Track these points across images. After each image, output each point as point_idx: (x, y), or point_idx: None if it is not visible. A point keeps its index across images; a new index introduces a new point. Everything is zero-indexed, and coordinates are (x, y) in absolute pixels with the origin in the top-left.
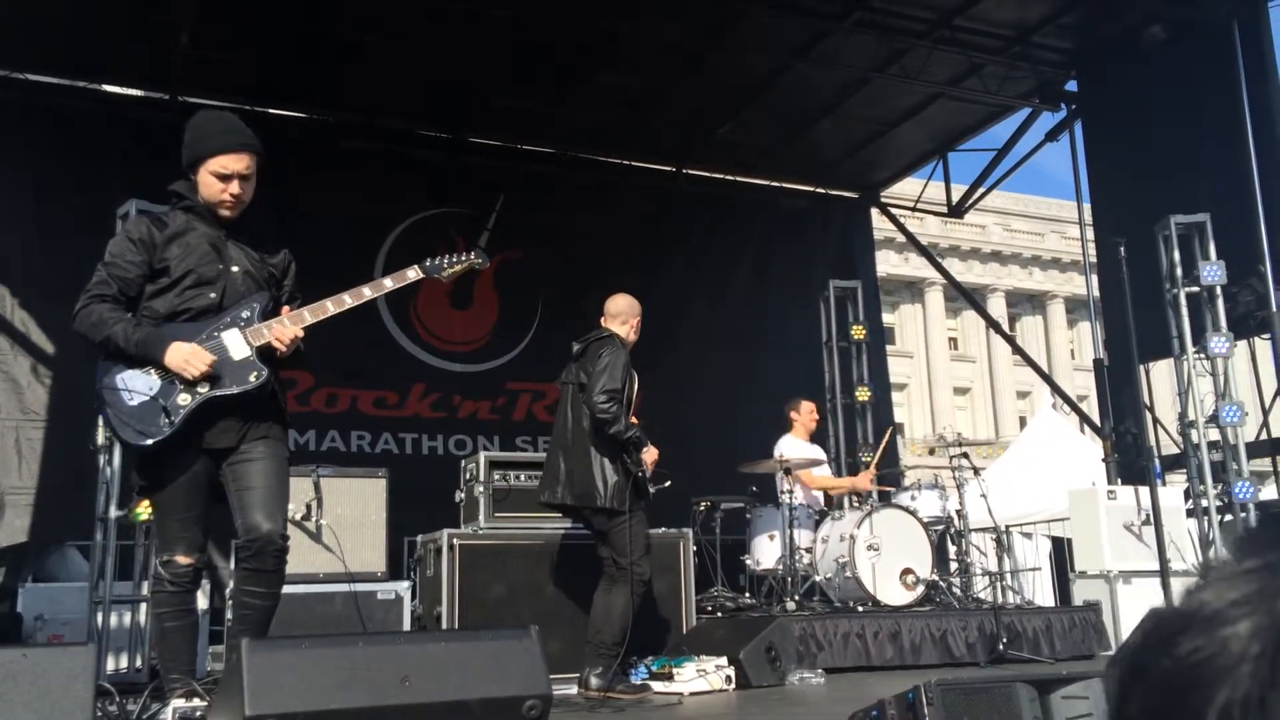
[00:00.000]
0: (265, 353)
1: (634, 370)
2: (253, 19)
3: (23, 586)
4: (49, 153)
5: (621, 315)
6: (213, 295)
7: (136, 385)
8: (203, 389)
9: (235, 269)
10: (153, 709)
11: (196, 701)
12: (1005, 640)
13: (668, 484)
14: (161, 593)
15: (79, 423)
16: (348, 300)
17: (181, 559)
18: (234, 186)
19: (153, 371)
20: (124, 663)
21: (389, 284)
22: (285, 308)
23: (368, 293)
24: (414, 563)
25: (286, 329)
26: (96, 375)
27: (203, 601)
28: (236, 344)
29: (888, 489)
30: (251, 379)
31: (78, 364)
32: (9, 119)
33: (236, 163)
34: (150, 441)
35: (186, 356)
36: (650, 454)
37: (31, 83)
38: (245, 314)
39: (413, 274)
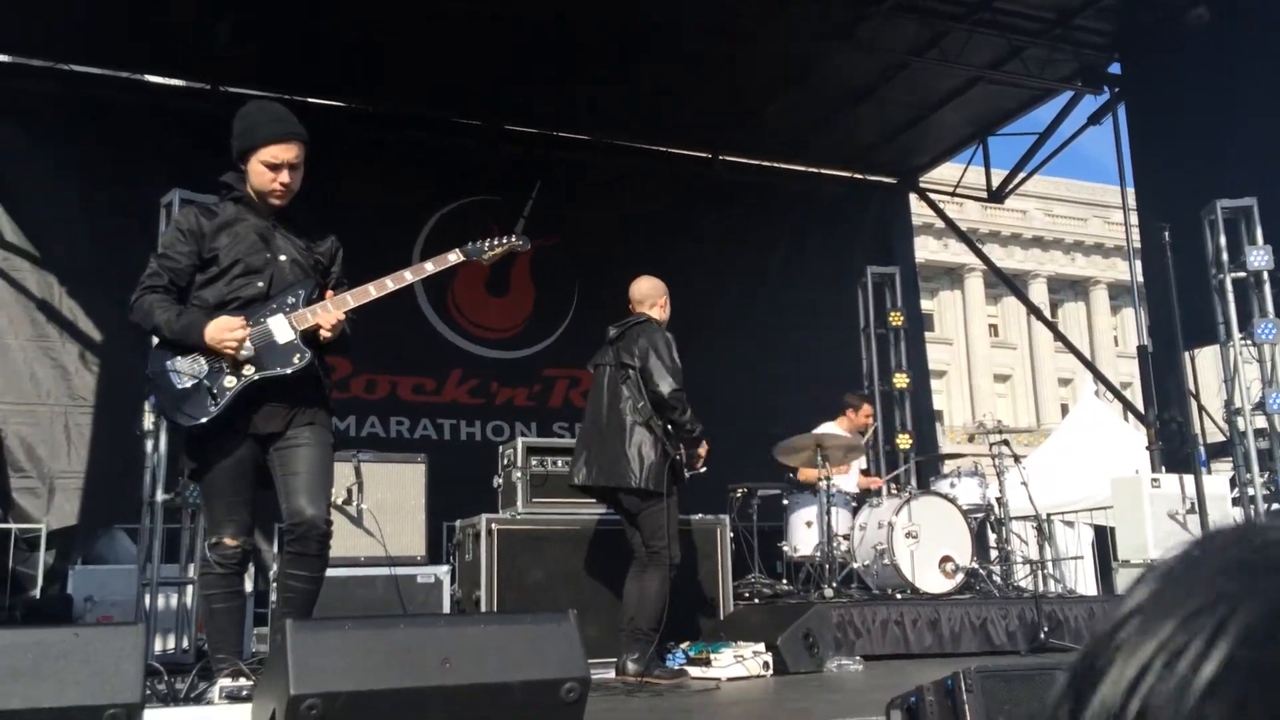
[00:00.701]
0: (310, 337)
1: None
2: (291, 9)
3: (73, 569)
4: (94, 144)
5: (649, 298)
6: (260, 284)
7: (184, 370)
8: (248, 371)
9: (283, 258)
10: (200, 688)
11: (243, 681)
12: (1047, 629)
13: (702, 469)
14: (210, 574)
15: (126, 408)
16: (389, 284)
17: (229, 541)
18: (284, 175)
19: (200, 358)
20: (171, 643)
21: (430, 267)
22: (330, 292)
23: (409, 276)
24: (453, 547)
25: (329, 313)
26: (147, 362)
27: (247, 584)
28: (281, 328)
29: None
30: (295, 360)
31: (124, 351)
32: (55, 110)
33: (286, 152)
34: (201, 421)
35: (219, 327)
36: (704, 448)
37: (76, 74)
38: (291, 300)
39: (454, 257)
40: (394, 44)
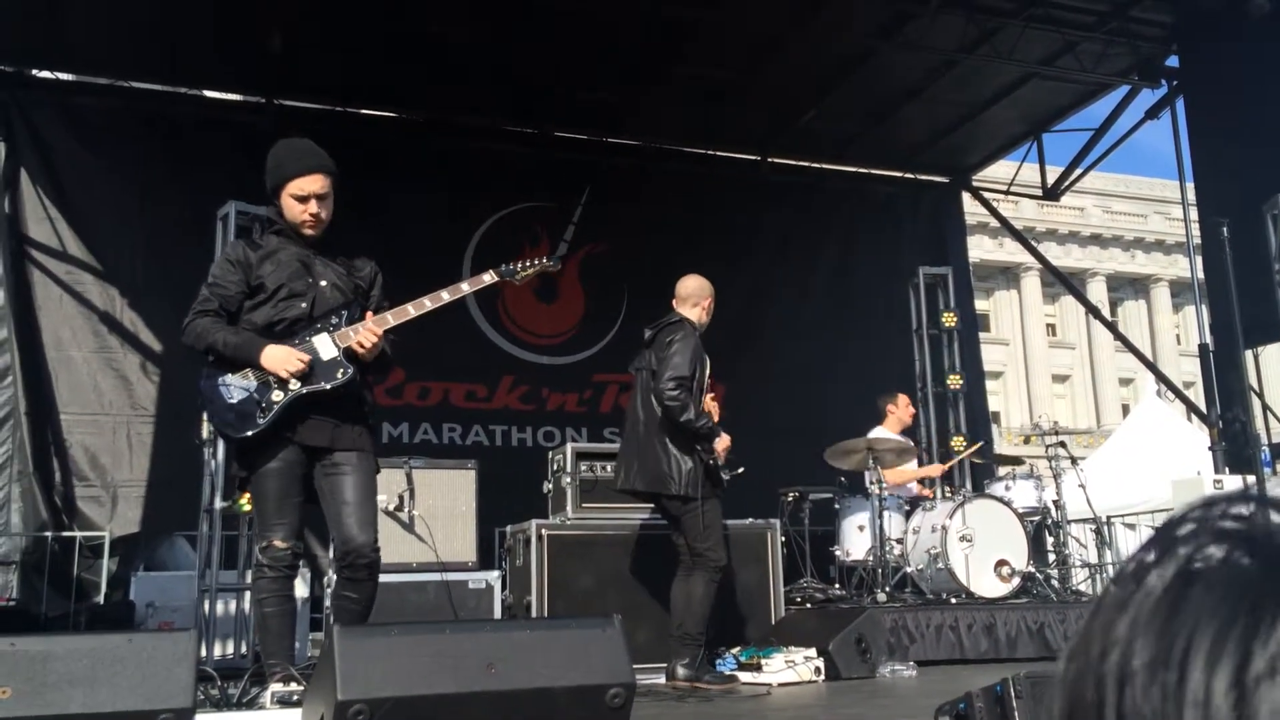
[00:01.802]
0: (351, 355)
1: (706, 355)
2: (340, 20)
3: (135, 575)
4: (154, 158)
5: (692, 297)
6: (303, 305)
7: (235, 385)
8: (294, 385)
9: (323, 282)
10: (252, 693)
11: (294, 686)
12: None
13: (740, 471)
14: (262, 579)
15: (185, 418)
16: (427, 304)
17: (279, 544)
18: (312, 206)
19: (250, 374)
20: (229, 649)
21: (466, 288)
22: (369, 314)
23: (446, 296)
24: (504, 553)
25: (370, 331)
26: (199, 380)
27: (302, 589)
28: (325, 346)
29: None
30: (339, 375)
31: (184, 362)
32: (117, 126)
33: (312, 184)
34: (249, 434)
35: (284, 357)
36: (722, 442)
37: (136, 90)
38: (335, 320)
39: (488, 278)
40: (443, 52)
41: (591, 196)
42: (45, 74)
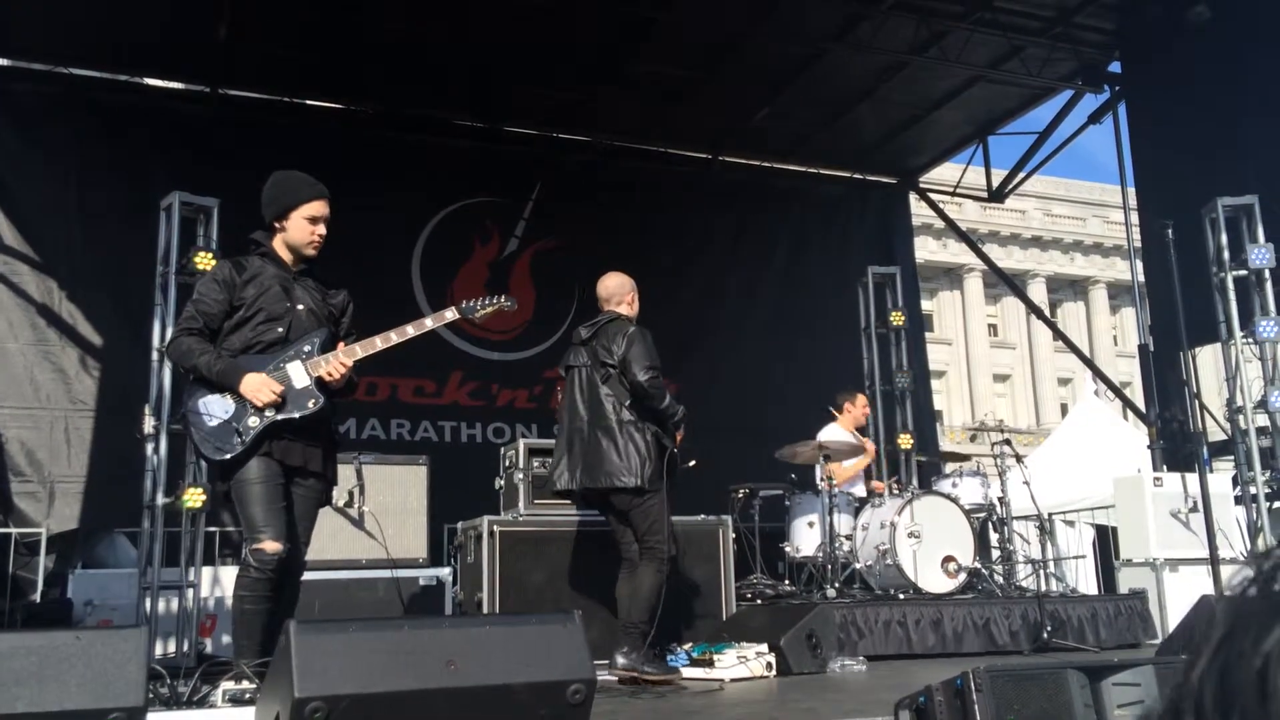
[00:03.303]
0: (322, 384)
1: None
2: (288, 11)
3: (73, 572)
4: (93, 146)
5: (616, 296)
6: (280, 329)
7: (214, 409)
8: (269, 413)
9: (300, 306)
10: (203, 691)
11: (245, 684)
12: (1050, 628)
13: (693, 464)
14: (246, 578)
15: (126, 413)
16: (394, 338)
17: (269, 546)
18: (321, 228)
19: (229, 397)
20: (172, 647)
21: (429, 324)
22: (340, 343)
23: (411, 330)
24: (454, 549)
25: (339, 362)
26: (183, 399)
27: None
28: (298, 374)
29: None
30: (310, 405)
31: (124, 355)
32: (54, 113)
33: (323, 208)
34: (226, 457)
35: (258, 386)
36: (680, 434)
37: (75, 77)
38: (307, 348)
39: (450, 314)
40: (393, 44)
41: (543, 193)
42: None
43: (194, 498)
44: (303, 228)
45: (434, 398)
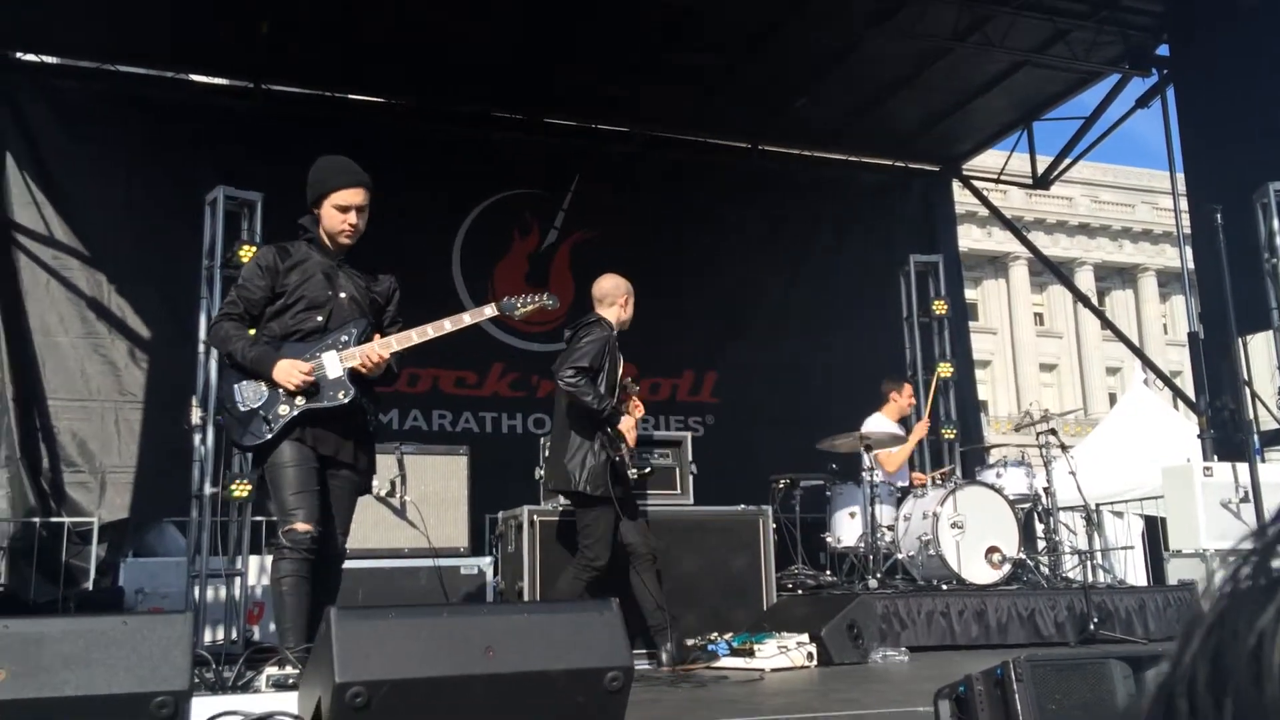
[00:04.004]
0: (355, 375)
1: (620, 355)
2: (330, 5)
3: (124, 561)
4: (140, 143)
5: (608, 297)
6: (319, 318)
7: (248, 395)
8: (300, 401)
9: (343, 295)
10: (247, 676)
11: (289, 669)
12: (1096, 620)
13: (649, 471)
14: (282, 560)
15: (174, 404)
16: (430, 332)
17: (300, 526)
18: (352, 217)
19: (262, 385)
20: (220, 634)
21: (468, 319)
22: (377, 334)
23: (448, 326)
24: (495, 539)
25: (373, 354)
26: (220, 385)
27: None
28: (332, 364)
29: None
30: (340, 396)
31: (171, 347)
32: (102, 111)
33: (354, 196)
34: (256, 443)
35: (288, 371)
36: (625, 421)
37: (121, 74)
38: (344, 338)
39: (489, 310)
40: (433, 37)
41: (581, 184)
42: (30, 57)
43: (240, 488)
44: (333, 216)
45: (475, 389)
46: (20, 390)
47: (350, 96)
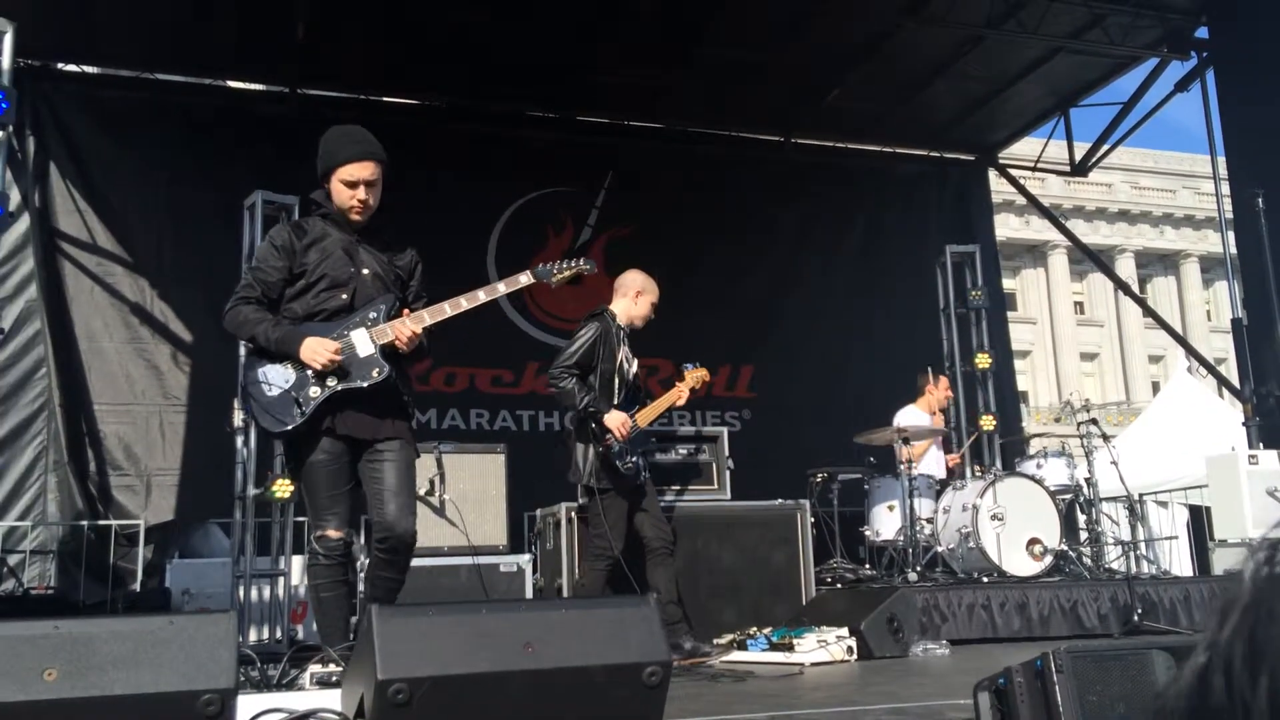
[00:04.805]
0: (388, 350)
1: (617, 347)
2: (361, 8)
3: (170, 563)
4: (180, 149)
5: (621, 289)
6: (344, 296)
7: (275, 379)
8: (331, 382)
9: (365, 271)
10: (292, 674)
11: (333, 667)
12: (1140, 611)
13: (632, 461)
14: (316, 566)
15: (217, 407)
16: (464, 303)
17: (332, 533)
18: (360, 192)
19: (289, 366)
20: (265, 633)
21: (502, 288)
22: (405, 310)
23: (482, 296)
24: (534, 536)
25: (406, 329)
26: (241, 370)
27: None
28: (363, 342)
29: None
30: (374, 374)
31: (214, 350)
32: (142, 118)
33: (362, 170)
34: (287, 428)
35: (315, 349)
36: (613, 419)
37: (161, 82)
38: (373, 315)
39: (524, 279)
40: (465, 37)
41: (615, 180)
42: (71, 67)
43: (283, 489)
44: (341, 192)
45: (512, 387)
46: (66, 396)
47: (384, 99)
